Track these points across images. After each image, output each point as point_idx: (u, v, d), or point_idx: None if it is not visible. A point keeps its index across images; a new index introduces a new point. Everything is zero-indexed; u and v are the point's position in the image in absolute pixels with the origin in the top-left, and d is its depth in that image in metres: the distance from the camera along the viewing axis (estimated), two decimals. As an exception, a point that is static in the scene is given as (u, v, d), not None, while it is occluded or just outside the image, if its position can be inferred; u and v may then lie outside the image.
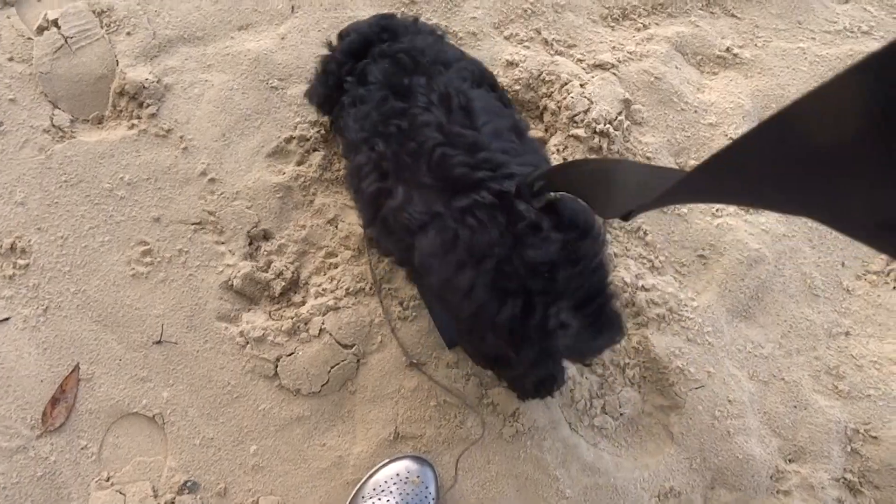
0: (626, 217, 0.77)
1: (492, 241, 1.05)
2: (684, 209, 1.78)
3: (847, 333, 1.72)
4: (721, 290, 1.71)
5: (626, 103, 1.82)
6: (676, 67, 1.89)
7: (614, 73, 1.85)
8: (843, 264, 1.78)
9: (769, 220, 1.78)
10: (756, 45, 1.94)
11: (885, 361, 1.70)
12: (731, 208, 1.78)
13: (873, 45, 1.92)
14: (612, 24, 1.95)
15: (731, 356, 1.68)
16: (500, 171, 1.10)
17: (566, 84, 1.80)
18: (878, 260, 1.78)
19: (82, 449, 1.60)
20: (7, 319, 1.66)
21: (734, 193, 0.64)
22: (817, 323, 1.73)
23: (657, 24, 1.95)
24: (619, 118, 1.77)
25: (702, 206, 1.79)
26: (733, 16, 1.96)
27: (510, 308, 1.06)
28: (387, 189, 1.20)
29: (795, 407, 1.67)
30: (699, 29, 1.93)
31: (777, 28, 1.95)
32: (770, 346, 1.70)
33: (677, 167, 1.82)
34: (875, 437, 1.64)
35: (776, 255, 1.75)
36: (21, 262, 1.69)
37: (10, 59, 1.81)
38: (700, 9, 1.96)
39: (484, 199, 1.07)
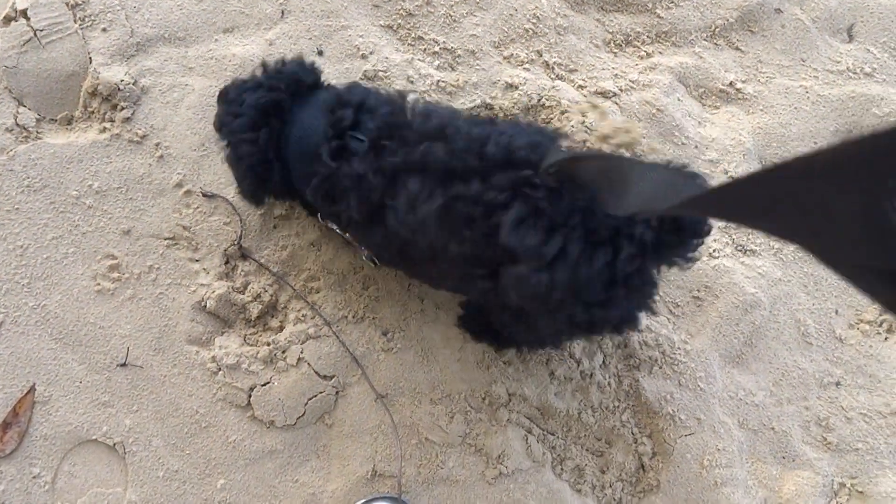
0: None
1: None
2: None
3: (838, 384, 1.69)
4: (715, 335, 1.67)
5: (627, 135, 1.76)
6: (679, 100, 1.83)
7: (615, 102, 1.79)
8: (836, 312, 1.75)
9: (766, 263, 1.74)
10: (759, 80, 1.89)
11: (874, 414, 1.67)
12: (729, 249, 1.73)
13: (875, 88, 1.89)
14: (615, 50, 1.88)
15: (723, 403, 1.64)
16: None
17: (566, 112, 1.73)
18: (872, 309, 1.75)
19: (34, 478, 1.49)
20: (-43, 334, 1.53)
21: (745, 216, 0.70)
22: (809, 372, 1.69)
23: (661, 52, 1.89)
24: (619, 151, 1.71)
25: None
26: (737, 49, 1.92)
27: (602, 256, 1.05)
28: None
29: (784, 458, 1.63)
30: (703, 61, 1.88)
31: (781, 64, 1.91)
32: (761, 394, 1.66)
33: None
34: (861, 493, 1.61)
35: (771, 301, 1.71)
36: (-25, 271, 1.56)
37: (-28, 50, 1.66)
38: (704, 39, 1.91)
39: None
